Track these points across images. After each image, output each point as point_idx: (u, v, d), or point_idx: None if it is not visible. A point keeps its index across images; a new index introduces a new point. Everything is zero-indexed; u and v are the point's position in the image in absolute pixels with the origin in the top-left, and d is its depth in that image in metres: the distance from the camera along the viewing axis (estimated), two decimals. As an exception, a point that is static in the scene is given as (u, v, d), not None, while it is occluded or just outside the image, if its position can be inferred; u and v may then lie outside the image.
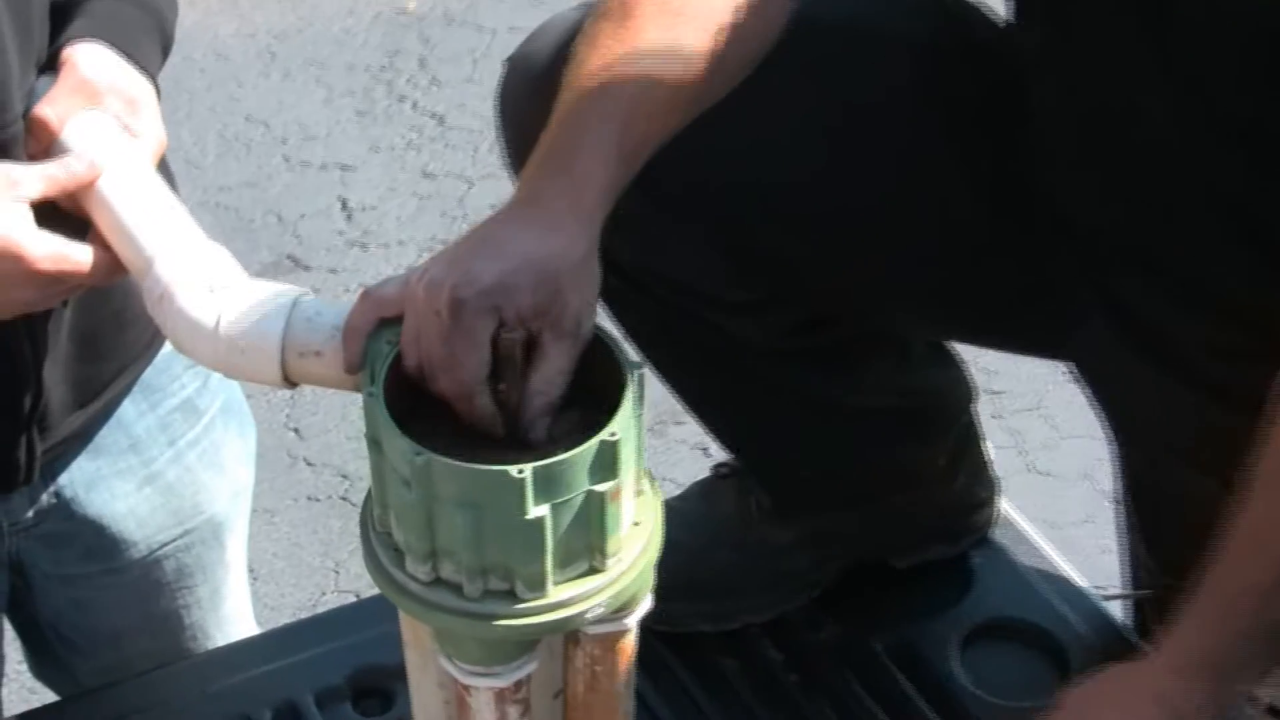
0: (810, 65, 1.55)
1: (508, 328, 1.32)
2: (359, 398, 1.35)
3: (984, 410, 1.92)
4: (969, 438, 1.91)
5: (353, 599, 3.05)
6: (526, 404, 1.33)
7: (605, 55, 1.43)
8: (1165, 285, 1.57)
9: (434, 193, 4.05)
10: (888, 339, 1.80)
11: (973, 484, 1.93)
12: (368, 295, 1.38)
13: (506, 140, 1.70)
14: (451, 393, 1.33)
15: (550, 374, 1.33)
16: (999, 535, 1.97)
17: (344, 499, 3.36)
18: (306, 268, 3.85)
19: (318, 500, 3.37)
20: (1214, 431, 1.47)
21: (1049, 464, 3.37)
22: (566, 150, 1.39)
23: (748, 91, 1.50)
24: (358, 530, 1.40)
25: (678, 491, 2.00)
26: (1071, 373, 1.78)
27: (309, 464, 3.42)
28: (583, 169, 1.38)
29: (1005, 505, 1.99)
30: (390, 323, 1.38)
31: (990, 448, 1.96)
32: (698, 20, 1.46)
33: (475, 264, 1.32)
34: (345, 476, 3.40)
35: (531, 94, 1.48)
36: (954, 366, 1.88)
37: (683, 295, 1.70)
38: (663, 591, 1.47)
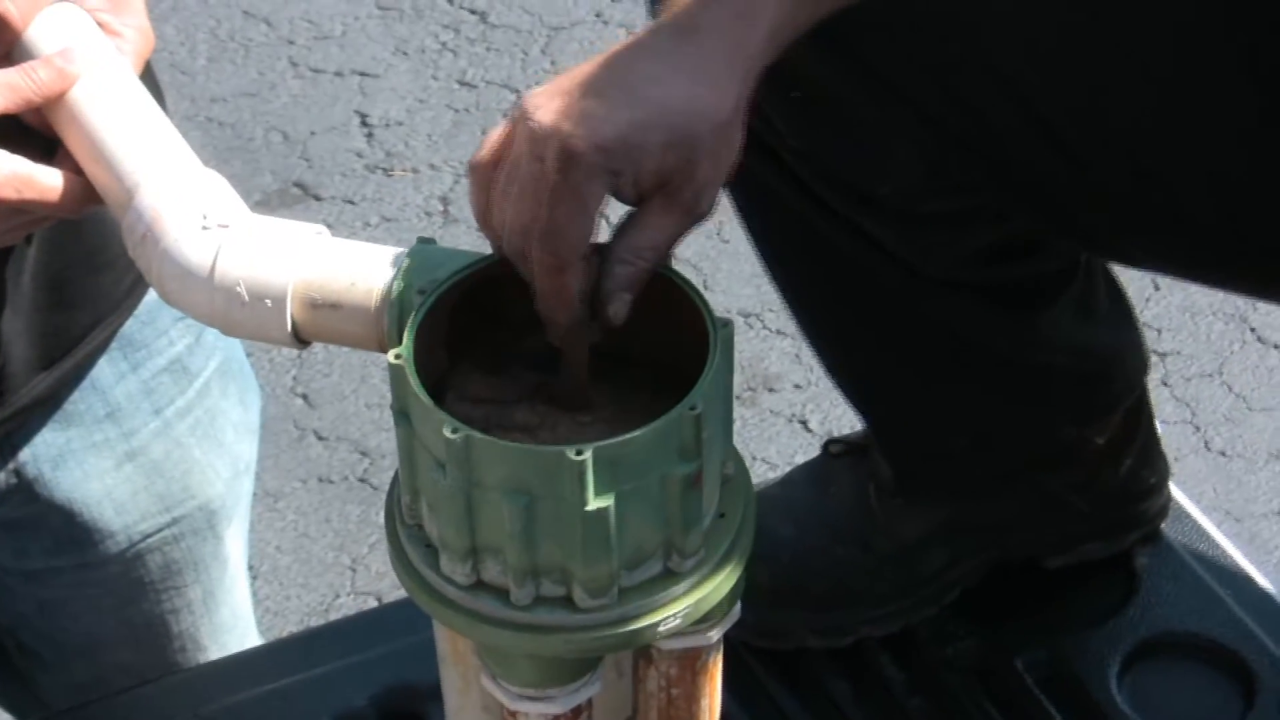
0: None
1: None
2: (381, 359, 1.35)
3: (1152, 376, 1.91)
4: (1139, 411, 1.91)
5: (373, 603, 3.07)
6: (609, 273, 1.32)
7: None
8: None
9: (473, 105, 4.07)
10: (1073, 281, 1.79)
11: (1139, 468, 1.93)
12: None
13: None
14: (543, 263, 1.31)
15: (645, 243, 1.32)
16: (1169, 530, 1.97)
17: (362, 480, 3.39)
18: (318, 197, 3.88)
19: (331, 482, 3.40)
20: None
21: (1230, 442, 3.36)
22: None
23: None
24: (380, 520, 1.41)
25: (774, 474, 2.00)
26: None
27: (320, 438, 3.45)
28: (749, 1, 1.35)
29: (1177, 493, 1.98)
30: (419, 268, 1.38)
31: (1160, 424, 1.96)
32: None
33: (600, 109, 1.30)
34: (364, 453, 3.42)
35: None
36: (1134, 328, 1.89)
37: (855, 199, 1.69)
38: (761, 599, 1.48)
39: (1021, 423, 1.84)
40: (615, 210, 1.32)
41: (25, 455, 1.84)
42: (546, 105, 1.30)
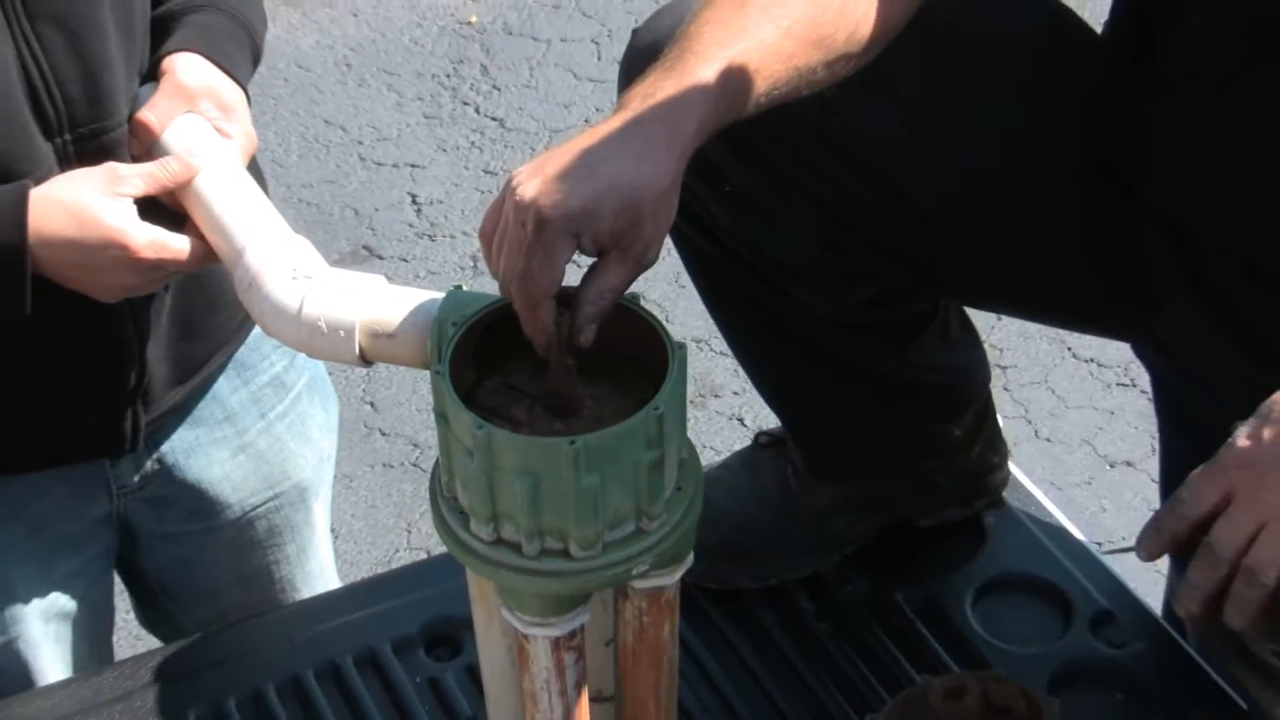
0: (919, 61, 1.52)
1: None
2: (429, 374, 1.35)
3: (995, 384, 1.91)
4: (986, 410, 1.90)
5: (424, 555, 3.06)
6: (578, 310, 1.31)
7: (717, 10, 1.39)
8: (1260, 278, 1.54)
9: (495, 188, 4.05)
10: (934, 317, 1.78)
11: (987, 452, 1.92)
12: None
13: None
14: (521, 300, 1.30)
15: (604, 288, 1.31)
16: (1009, 497, 1.96)
17: (415, 465, 3.37)
18: (380, 257, 3.86)
19: (392, 467, 3.38)
20: None
21: (1053, 431, 3.36)
22: (671, 81, 1.35)
23: (861, 79, 1.46)
24: (428, 494, 1.40)
25: (717, 459, 1.99)
26: (1140, 353, 1.76)
27: (383, 434, 3.43)
28: (684, 100, 1.33)
29: (1015, 470, 1.98)
30: (452, 307, 1.37)
31: (1001, 419, 1.95)
32: None
33: (565, 184, 1.28)
34: (416, 445, 3.41)
35: (650, 58, 1.44)
36: (979, 347, 1.87)
37: (771, 265, 1.67)
38: (708, 553, 1.46)
39: (900, 422, 1.83)
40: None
41: (165, 448, 1.83)
42: (527, 182, 1.30)
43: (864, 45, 1.45)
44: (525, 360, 1.37)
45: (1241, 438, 1.26)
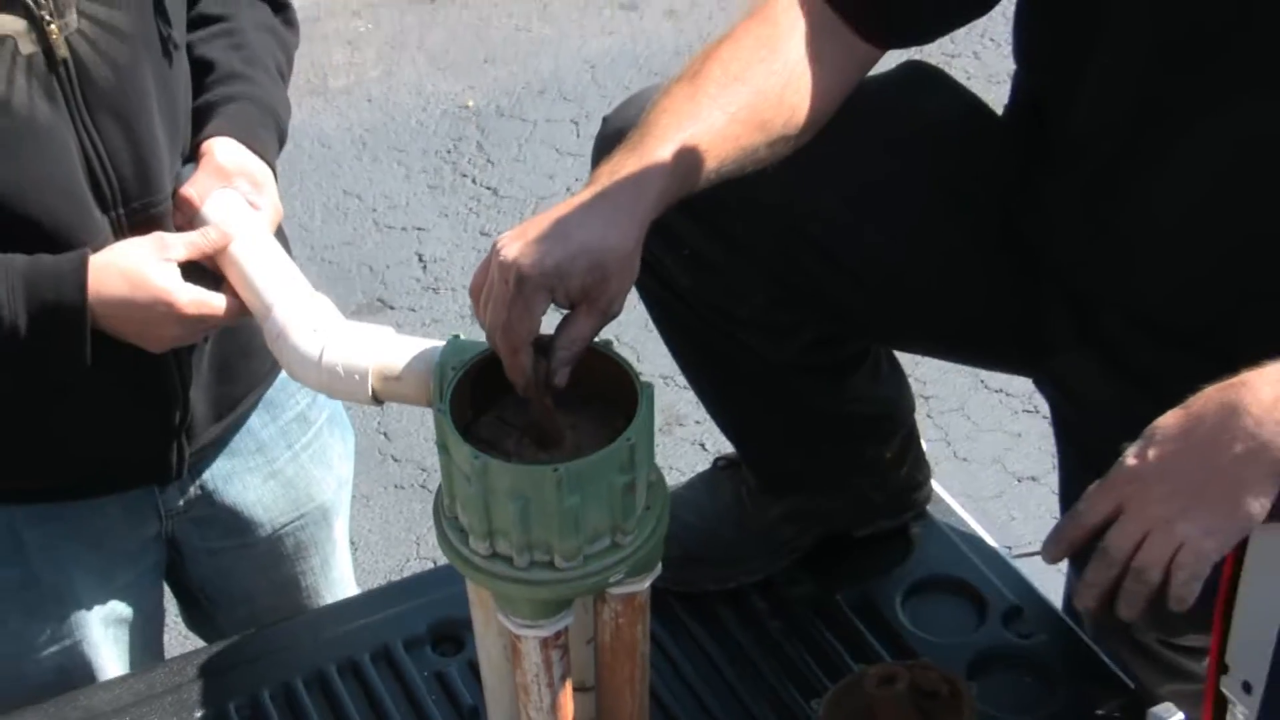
0: (849, 141, 1.52)
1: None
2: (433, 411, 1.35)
3: (918, 412, 1.91)
4: (911, 435, 1.89)
5: (431, 565, 3.04)
6: (552, 355, 1.31)
7: (673, 99, 1.41)
8: (1144, 327, 1.54)
9: (488, 248, 4.05)
10: (866, 358, 1.78)
11: (913, 471, 1.91)
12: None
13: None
14: (503, 347, 1.30)
15: (575, 336, 1.31)
16: (932, 510, 1.96)
17: (423, 486, 3.36)
18: (391, 307, 3.85)
19: (403, 488, 3.37)
20: None
21: (968, 452, 3.36)
22: (634, 159, 1.35)
23: (801, 157, 1.47)
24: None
25: (682, 479, 1.99)
26: (1040, 386, 1.76)
27: (395, 460, 3.42)
28: (644, 176, 1.34)
29: (936, 486, 1.98)
30: (452, 354, 1.37)
31: (924, 442, 1.95)
32: (752, 85, 1.42)
33: (541, 246, 1.29)
34: (424, 469, 3.39)
35: (617, 140, 1.44)
36: (904, 382, 1.87)
37: (724, 316, 1.67)
38: (676, 561, 1.46)
39: (838, 447, 1.82)
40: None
41: (206, 476, 1.82)
42: (509, 245, 1.30)
43: (800, 129, 1.46)
44: (513, 398, 1.37)
45: (1130, 457, 1.26)
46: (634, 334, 3.60)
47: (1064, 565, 1.74)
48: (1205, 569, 1.24)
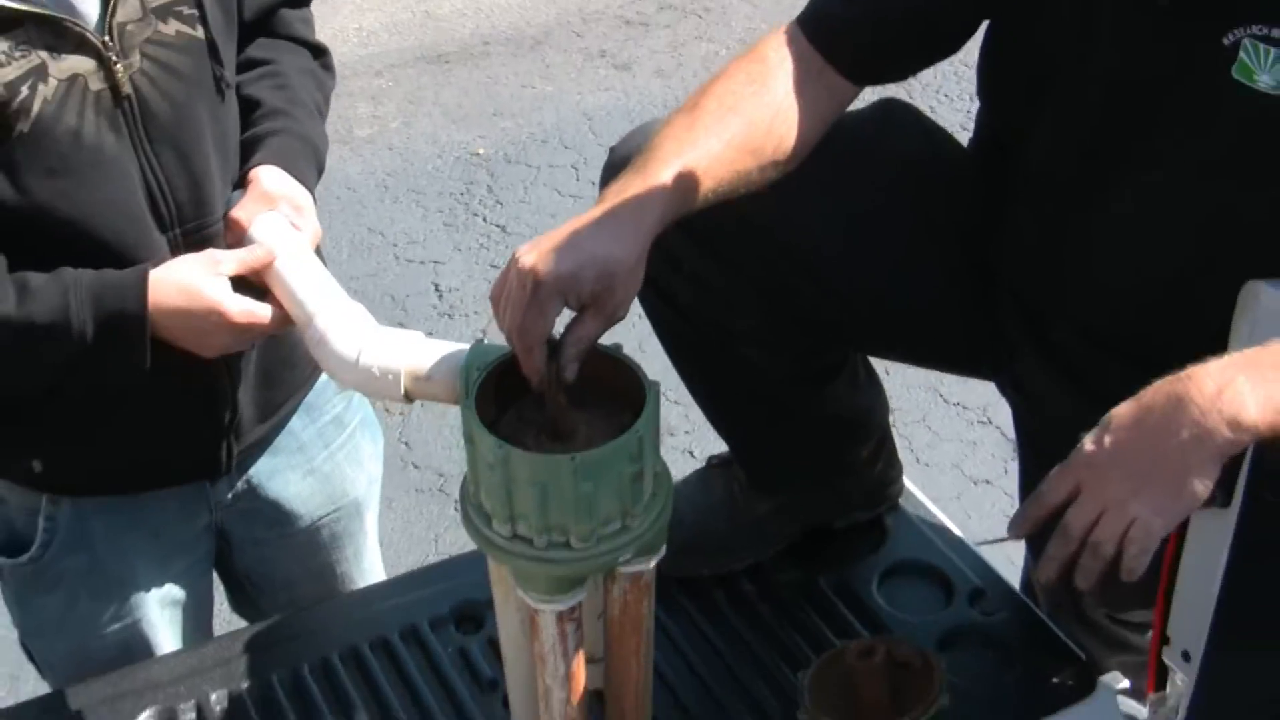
0: (830, 175, 1.52)
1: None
2: (454, 422, 1.33)
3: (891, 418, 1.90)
4: (885, 436, 1.89)
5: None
6: (561, 352, 1.31)
7: (674, 128, 1.41)
8: (1091, 338, 1.54)
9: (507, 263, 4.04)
10: (845, 365, 1.77)
11: (887, 468, 1.90)
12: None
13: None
14: (519, 346, 1.30)
15: (582, 336, 1.31)
16: (904, 503, 1.95)
17: (441, 491, 3.33)
18: (412, 331, 3.84)
19: (422, 492, 3.34)
20: None
21: (930, 458, 3.35)
22: (639, 181, 1.36)
23: (789, 188, 1.47)
24: (453, 513, 1.39)
25: (676, 480, 1.97)
26: (1003, 391, 1.75)
27: (416, 467, 3.40)
28: (648, 195, 1.34)
29: (907, 482, 1.97)
30: (476, 356, 1.36)
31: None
32: (744, 116, 1.43)
33: (556, 255, 1.29)
34: (441, 475, 3.37)
35: (624, 165, 1.44)
36: (880, 389, 1.86)
37: (720, 330, 1.66)
38: (675, 549, 1.45)
39: (821, 447, 1.81)
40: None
41: (251, 472, 1.81)
42: (527, 254, 1.31)
43: (788, 155, 1.47)
44: (532, 399, 1.36)
45: (1088, 443, 1.26)
46: (632, 348, 3.60)
47: (1021, 552, 1.72)
48: (1154, 544, 1.23)
